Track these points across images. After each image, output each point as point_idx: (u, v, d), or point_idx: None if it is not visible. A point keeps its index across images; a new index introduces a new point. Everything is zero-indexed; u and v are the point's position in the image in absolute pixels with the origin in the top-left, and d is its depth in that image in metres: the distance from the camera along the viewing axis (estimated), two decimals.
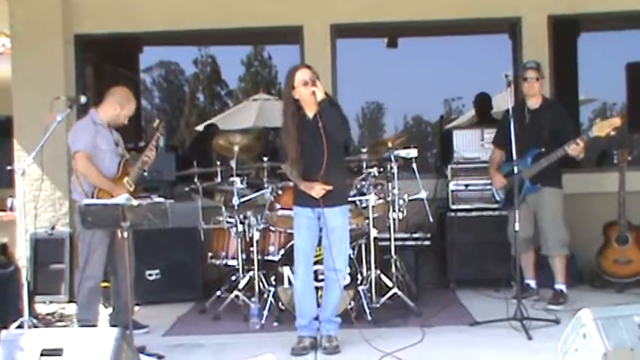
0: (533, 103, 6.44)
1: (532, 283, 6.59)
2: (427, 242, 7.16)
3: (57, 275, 7.27)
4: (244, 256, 6.44)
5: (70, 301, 6.97)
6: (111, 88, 6.04)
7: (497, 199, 6.64)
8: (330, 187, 5.11)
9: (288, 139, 5.17)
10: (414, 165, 6.42)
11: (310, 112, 5.16)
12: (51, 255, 7.33)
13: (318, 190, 5.10)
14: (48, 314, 6.55)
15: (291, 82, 5.14)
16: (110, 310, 6.02)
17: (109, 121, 5.85)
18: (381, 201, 6.33)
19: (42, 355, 3.72)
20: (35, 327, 5.27)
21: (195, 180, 6.68)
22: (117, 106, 5.83)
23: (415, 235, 7.13)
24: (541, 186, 6.31)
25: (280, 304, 5.93)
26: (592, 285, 7.10)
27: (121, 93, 5.95)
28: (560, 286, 6.37)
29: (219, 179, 6.65)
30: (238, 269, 6.45)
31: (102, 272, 5.75)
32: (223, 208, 6.58)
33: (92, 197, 5.52)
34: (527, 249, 6.40)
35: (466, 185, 7.32)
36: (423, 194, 6.42)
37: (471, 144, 7.40)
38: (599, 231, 7.10)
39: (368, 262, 6.20)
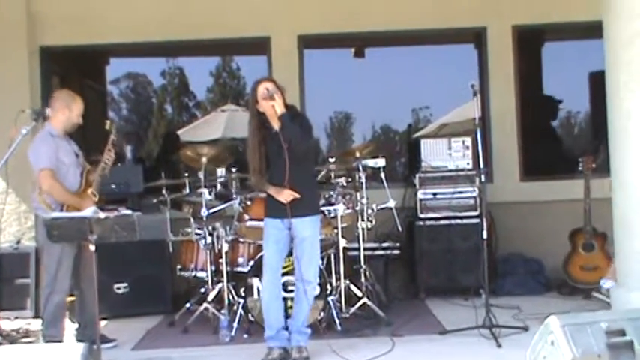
0: None
1: None
2: (396, 251, 7.18)
3: (22, 290, 7.16)
4: (213, 268, 6.41)
5: (35, 317, 6.85)
6: (52, 98, 5.97)
7: None
8: (298, 196, 5.11)
9: (249, 151, 5.24)
10: (382, 174, 6.46)
11: (275, 124, 5.17)
12: (16, 270, 7.21)
13: (286, 194, 5.11)
14: (13, 330, 6.42)
15: (254, 96, 5.20)
16: (77, 325, 5.94)
17: (64, 128, 5.78)
18: (350, 211, 6.33)
19: None
20: (0, 344, 5.19)
21: (163, 192, 6.64)
22: (65, 109, 5.76)
23: (384, 245, 7.14)
24: None
25: (250, 315, 5.90)
26: (559, 292, 7.19)
27: (62, 96, 5.90)
28: None
29: (187, 191, 6.62)
30: (207, 281, 6.41)
31: (68, 286, 5.68)
32: (192, 220, 6.55)
33: (61, 212, 5.45)
34: None
35: (434, 194, 7.34)
36: (392, 203, 6.46)
37: (439, 153, 7.43)
38: (566, 238, 7.18)
39: (337, 272, 6.21)
